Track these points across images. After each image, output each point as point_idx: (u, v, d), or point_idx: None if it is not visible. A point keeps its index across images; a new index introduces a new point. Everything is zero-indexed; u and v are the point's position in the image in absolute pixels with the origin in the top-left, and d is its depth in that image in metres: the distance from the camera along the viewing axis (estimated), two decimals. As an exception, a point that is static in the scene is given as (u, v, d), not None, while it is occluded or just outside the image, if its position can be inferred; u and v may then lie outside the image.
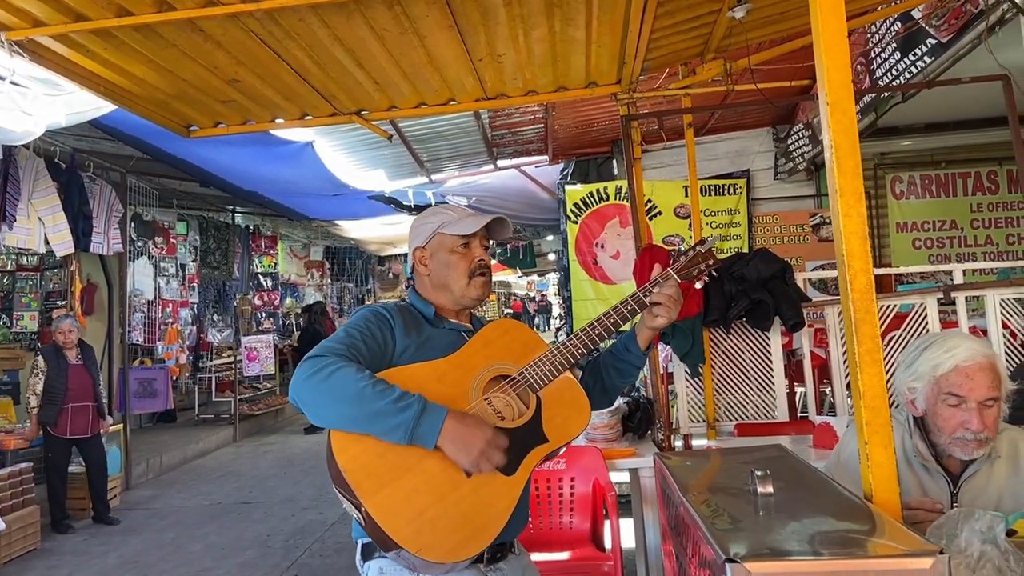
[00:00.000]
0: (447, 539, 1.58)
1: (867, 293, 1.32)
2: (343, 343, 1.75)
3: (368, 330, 1.81)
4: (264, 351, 11.30)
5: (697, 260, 1.93)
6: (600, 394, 2.04)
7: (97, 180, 7.88)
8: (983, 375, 1.84)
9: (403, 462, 1.62)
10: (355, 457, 1.63)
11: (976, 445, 1.85)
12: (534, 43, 3.76)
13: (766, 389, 4.60)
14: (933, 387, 1.89)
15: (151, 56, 3.50)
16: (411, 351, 1.82)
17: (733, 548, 1.06)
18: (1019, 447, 1.95)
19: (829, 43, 1.35)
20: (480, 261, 1.95)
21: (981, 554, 1.26)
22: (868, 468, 1.31)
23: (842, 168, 1.34)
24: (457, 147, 7.99)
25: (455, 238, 1.94)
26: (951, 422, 1.85)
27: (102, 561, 5.75)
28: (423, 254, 1.99)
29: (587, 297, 8.39)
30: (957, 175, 8.43)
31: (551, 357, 1.81)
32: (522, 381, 1.78)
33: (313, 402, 1.66)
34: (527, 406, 1.77)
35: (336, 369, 1.64)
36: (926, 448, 1.94)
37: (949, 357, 1.86)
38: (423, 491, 1.61)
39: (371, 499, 1.59)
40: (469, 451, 1.61)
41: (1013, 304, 4.45)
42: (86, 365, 6.67)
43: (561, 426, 1.78)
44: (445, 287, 1.95)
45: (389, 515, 1.58)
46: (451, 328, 1.94)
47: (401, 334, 1.83)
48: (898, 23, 5.18)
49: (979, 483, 1.91)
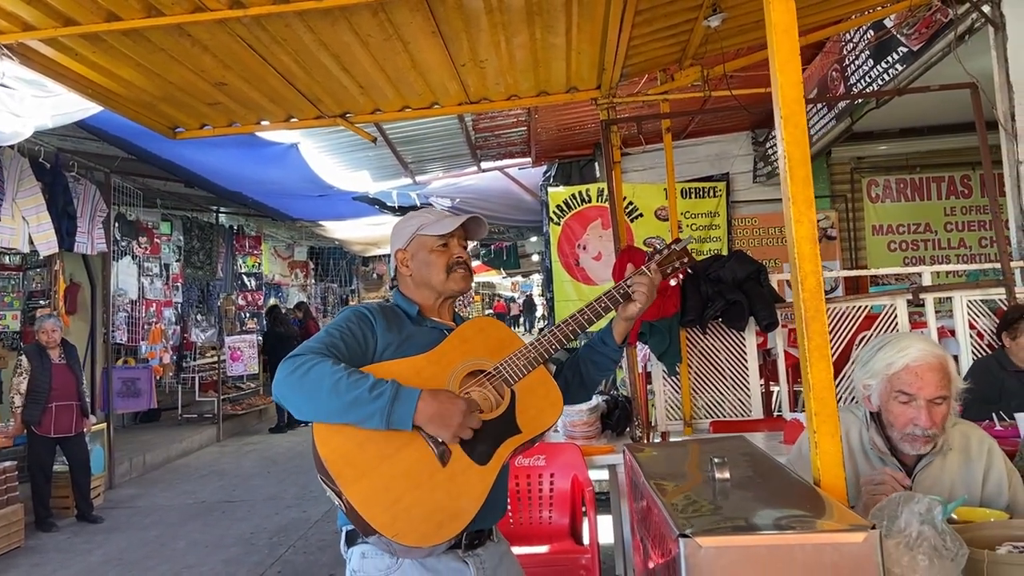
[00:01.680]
0: (422, 524, 1.67)
1: (816, 293, 1.42)
2: (322, 343, 1.84)
3: (348, 329, 1.89)
4: (248, 351, 11.31)
5: (672, 258, 2.03)
6: (579, 388, 2.13)
7: (81, 180, 7.88)
8: (932, 374, 1.92)
9: (382, 452, 1.71)
10: (336, 448, 1.72)
11: (924, 441, 1.94)
12: (516, 49, 3.85)
13: (741, 388, 4.72)
14: (886, 384, 1.97)
15: (139, 60, 3.57)
16: (392, 348, 1.90)
17: (687, 526, 1.16)
18: (970, 440, 2.06)
19: (783, 61, 1.45)
20: (458, 257, 2.05)
21: (919, 534, 1.36)
22: (816, 455, 1.42)
23: (794, 177, 1.45)
24: (441, 149, 8.07)
25: (434, 238, 2.04)
26: (901, 418, 1.94)
27: (85, 559, 5.78)
28: (404, 255, 2.08)
29: (569, 298, 8.50)
30: (931, 179, 8.61)
31: (525, 353, 1.90)
32: (497, 375, 1.87)
33: (294, 398, 1.75)
34: (502, 399, 1.86)
35: (313, 365, 1.73)
36: (882, 441, 2.04)
37: (901, 357, 1.95)
38: (400, 479, 1.70)
39: (351, 487, 1.68)
40: (447, 424, 1.71)
41: (980, 305, 4.59)
42: (69, 364, 6.69)
43: (535, 418, 1.86)
44: (427, 284, 2.05)
45: (367, 502, 1.67)
46: (433, 327, 2.02)
47: (382, 332, 1.92)
48: (871, 32, 5.32)
49: (933, 473, 2.01)
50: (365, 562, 1.84)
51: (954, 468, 2.02)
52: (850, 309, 4.67)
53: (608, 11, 3.45)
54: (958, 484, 2.00)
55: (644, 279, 1.97)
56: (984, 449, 2.04)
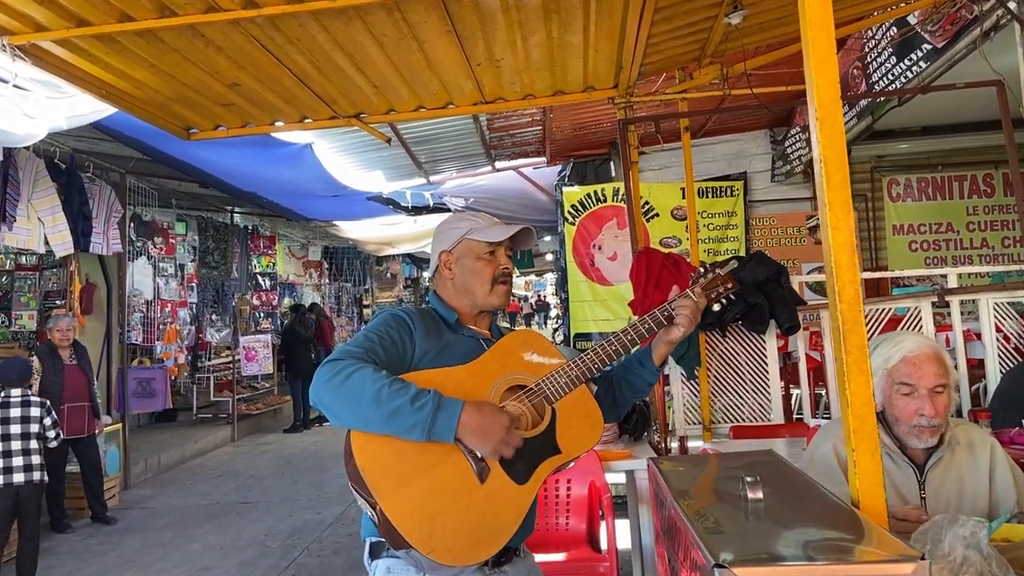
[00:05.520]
0: (458, 543, 1.62)
1: (855, 304, 1.35)
2: (361, 346, 1.78)
3: (387, 334, 1.84)
4: (262, 351, 11.33)
5: (716, 283, 1.96)
6: (610, 407, 2.06)
7: (97, 180, 7.89)
8: (929, 364, 1.97)
9: (420, 465, 1.66)
10: (373, 457, 1.66)
11: (931, 432, 1.97)
12: (532, 48, 3.79)
13: (762, 391, 4.63)
14: (886, 379, 2.01)
15: (152, 60, 3.53)
16: (430, 356, 1.85)
17: (722, 554, 1.10)
18: (973, 438, 2.09)
19: (819, 60, 1.38)
20: (504, 269, 1.99)
21: (964, 559, 1.29)
22: (855, 475, 1.34)
23: (831, 181, 1.38)
24: (455, 149, 8.02)
25: (483, 244, 1.98)
26: (906, 411, 1.98)
27: (101, 560, 5.77)
28: (449, 258, 2.02)
29: (584, 298, 8.43)
30: (953, 178, 8.46)
31: (568, 370, 1.84)
32: (538, 392, 1.81)
33: (333, 405, 1.69)
34: (542, 417, 1.80)
35: (354, 371, 1.67)
36: (891, 440, 2.05)
37: (897, 350, 2.00)
38: (438, 494, 1.65)
39: (387, 499, 1.63)
40: (489, 439, 1.65)
41: (1006, 308, 4.49)
42: (80, 365, 6.67)
43: (575, 438, 1.81)
44: (468, 292, 1.98)
45: (403, 516, 1.62)
46: (470, 336, 1.96)
47: (421, 338, 1.86)
48: (894, 28, 5.22)
49: (943, 470, 2.03)
50: None
51: (963, 463, 2.05)
52: (874, 312, 4.57)
53: (627, 8, 3.38)
54: (967, 480, 2.03)
55: (689, 302, 1.91)
56: (987, 447, 2.07)
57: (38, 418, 5.27)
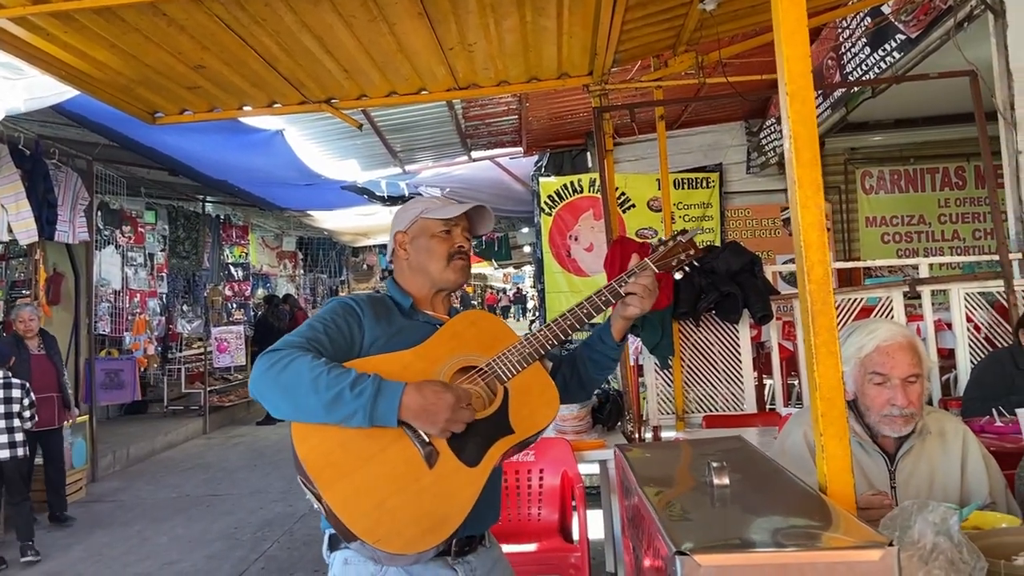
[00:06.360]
0: (406, 530, 1.56)
1: (824, 284, 1.32)
2: (303, 336, 1.72)
3: (333, 322, 1.78)
4: (235, 342, 11.18)
5: (677, 250, 1.91)
6: (578, 388, 2.02)
7: (63, 167, 7.72)
8: (903, 354, 1.93)
9: (365, 452, 1.60)
10: (315, 447, 1.61)
11: (903, 421, 1.94)
12: (505, 33, 3.73)
13: (735, 381, 4.62)
14: (859, 368, 1.98)
15: (113, 40, 3.42)
16: (381, 342, 1.79)
17: (685, 541, 1.06)
18: (945, 427, 2.07)
19: (789, 32, 1.34)
20: (459, 246, 1.94)
21: (934, 546, 1.26)
22: (823, 460, 1.31)
23: (800, 159, 1.34)
24: (431, 137, 7.95)
25: (437, 223, 1.93)
26: (878, 400, 1.95)
27: (65, 554, 5.66)
28: (404, 238, 1.97)
29: (560, 289, 8.40)
30: (925, 170, 8.54)
31: (520, 348, 1.79)
32: (489, 372, 1.76)
33: (272, 395, 1.64)
34: (494, 396, 1.75)
35: (291, 360, 1.62)
36: (862, 429, 2.02)
37: (871, 339, 1.97)
38: (384, 481, 1.59)
39: (330, 489, 1.57)
40: (435, 418, 1.59)
41: (977, 298, 4.52)
42: (49, 355, 6.51)
43: (528, 417, 1.75)
44: (423, 271, 1.93)
45: (348, 505, 1.56)
46: (425, 321, 1.90)
47: (370, 325, 1.80)
48: (868, 19, 5.22)
49: (914, 459, 2.01)
50: (348, 568, 1.74)
51: (934, 452, 2.03)
52: (846, 302, 4.58)
53: (601, -7, 3.33)
54: (939, 469, 2.01)
55: (643, 276, 1.83)
56: (959, 435, 2.05)
57: (19, 399, 5.56)
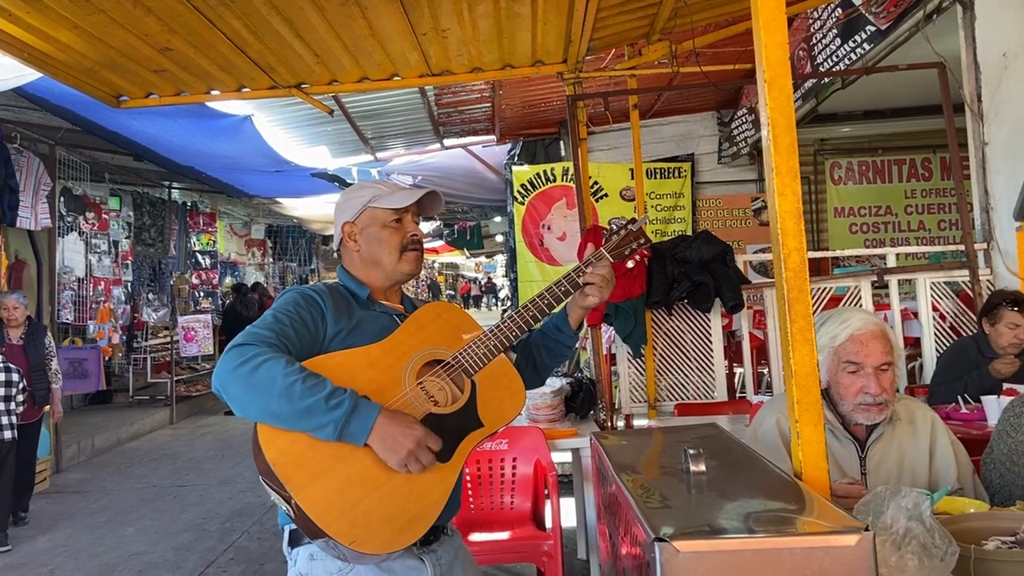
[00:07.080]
0: (382, 530, 1.55)
1: (800, 272, 1.32)
2: (272, 329, 1.67)
3: (298, 315, 1.73)
4: (202, 331, 11.02)
5: (628, 239, 1.90)
6: (531, 373, 2.00)
7: (24, 152, 7.53)
8: (876, 342, 1.97)
9: (336, 452, 1.57)
10: (284, 449, 1.56)
11: (877, 409, 1.97)
12: (479, 18, 3.69)
13: (706, 370, 4.66)
14: (832, 357, 2.01)
15: (77, 21, 3.33)
16: (342, 336, 1.75)
17: (663, 527, 1.05)
18: (915, 413, 2.11)
19: (768, 19, 1.34)
20: (413, 236, 1.90)
21: (907, 531, 1.27)
22: (798, 446, 1.32)
23: (779, 146, 1.34)
24: (402, 124, 7.87)
25: (387, 212, 1.88)
26: (852, 388, 1.98)
27: (30, 545, 5.55)
28: (353, 229, 1.91)
29: (533, 279, 8.39)
30: (893, 162, 8.66)
31: (485, 340, 1.77)
32: (456, 365, 1.74)
33: (240, 395, 1.58)
34: (462, 391, 1.73)
35: (264, 361, 1.57)
36: (834, 417, 2.05)
37: (844, 328, 2.00)
38: (356, 482, 1.56)
39: (302, 492, 1.53)
40: (398, 451, 1.57)
41: (943, 287, 4.59)
42: (25, 346, 6.26)
43: (496, 410, 1.75)
44: (376, 263, 1.89)
45: (321, 508, 1.53)
46: (383, 311, 1.87)
47: (332, 318, 1.77)
48: (839, 10, 5.26)
49: (884, 445, 2.05)
50: (314, 564, 1.69)
51: (903, 438, 2.06)
52: (815, 291, 4.63)
53: (575, -21, 3.31)
54: (908, 455, 2.05)
55: (600, 265, 1.85)
56: (928, 422, 2.09)
57: (16, 382, 5.62)
